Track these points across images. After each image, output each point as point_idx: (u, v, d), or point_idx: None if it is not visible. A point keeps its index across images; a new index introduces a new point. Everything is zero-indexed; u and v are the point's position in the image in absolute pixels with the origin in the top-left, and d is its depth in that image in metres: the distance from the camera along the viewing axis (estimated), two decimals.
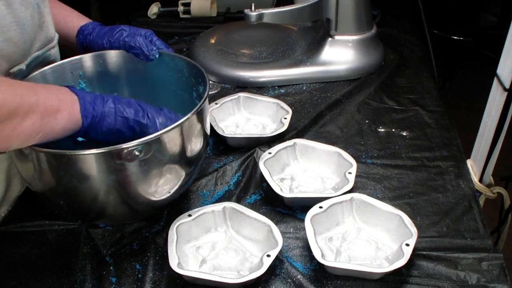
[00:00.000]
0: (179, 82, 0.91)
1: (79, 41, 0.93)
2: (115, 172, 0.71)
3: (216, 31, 1.39)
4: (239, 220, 0.82)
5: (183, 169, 0.79)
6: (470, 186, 0.92)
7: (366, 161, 0.98)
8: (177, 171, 0.78)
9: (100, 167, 0.71)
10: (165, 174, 0.76)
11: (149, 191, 0.76)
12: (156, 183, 0.76)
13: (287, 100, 1.11)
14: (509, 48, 0.90)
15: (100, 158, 0.70)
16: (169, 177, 0.77)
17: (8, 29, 0.73)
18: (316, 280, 0.76)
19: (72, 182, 0.72)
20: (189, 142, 0.78)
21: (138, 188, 0.75)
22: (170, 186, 0.79)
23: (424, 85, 1.21)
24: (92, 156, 0.69)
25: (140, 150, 0.70)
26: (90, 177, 0.71)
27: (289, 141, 0.96)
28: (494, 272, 0.76)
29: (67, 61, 0.89)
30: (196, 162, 0.83)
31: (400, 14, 1.54)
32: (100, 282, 0.76)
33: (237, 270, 0.77)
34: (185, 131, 0.76)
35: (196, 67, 0.87)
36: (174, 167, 0.77)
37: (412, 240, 0.76)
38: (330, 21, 1.21)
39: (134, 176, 0.73)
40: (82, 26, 0.93)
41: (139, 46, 0.89)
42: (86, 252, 0.79)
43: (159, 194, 0.78)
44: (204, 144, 0.83)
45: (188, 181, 0.83)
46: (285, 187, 0.91)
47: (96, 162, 0.70)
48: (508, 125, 0.95)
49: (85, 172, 0.71)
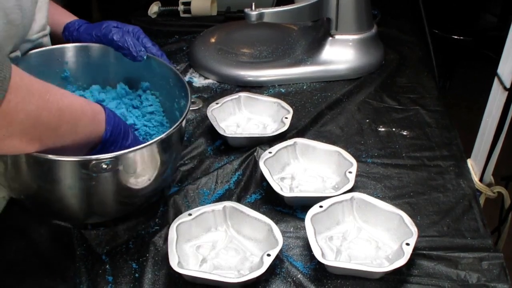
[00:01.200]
0: (163, 89, 0.91)
1: (65, 37, 0.93)
2: (84, 180, 0.71)
3: (217, 30, 1.39)
4: (239, 220, 0.82)
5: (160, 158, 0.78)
6: (470, 185, 0.92)
7: (367, 160, 0.98)
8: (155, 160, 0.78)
9: (69, 174, 0.71)
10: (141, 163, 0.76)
11: (129, 181, 0.75)
12: (134, 172, 0.75)
13: (287, 100, 1.11)
14: (510, 47, 0.90)
15: (69, 166, 0.70)
16: (146, 166, 0.77)
17: (11, 12, 0.73)
18: (316, 280, 0.76)
19: (48, 187, 0.72)
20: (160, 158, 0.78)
21: (116, 184, 0.74)
22: (149, 175, 0.78)
23: (424, 85, 1.21)
24: (63, 163, 0.69)
25: (107, 164, 0.70)
26: (61, 182, 0.71)
27: (290, 141, 0.96)
28: (494, 272, 0.76)
29: (54, 47, 0.89)
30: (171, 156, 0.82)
31: (400, 14, 1.54)
32: (96, 281, 0.76)
33: (237, 269, 0.77)
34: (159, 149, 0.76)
35: (181, 81, 0.86)
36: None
37: (412, 239, 0.76)
38: (331, 21, 1.21)
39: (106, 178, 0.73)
40: (68, 23, 0.93)
41: (127, 46, 0.89)
42: (82, 250, 0.79)
43: (140, 184, 0.77)
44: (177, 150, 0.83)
45: (166, 170, 0.81)
46: (285, 186, 0.91)
47: (66, 169, 0.70)
48: (509, 124, 0.95)
49: (57, 176, 0.70)
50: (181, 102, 0.86)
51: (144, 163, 0.75)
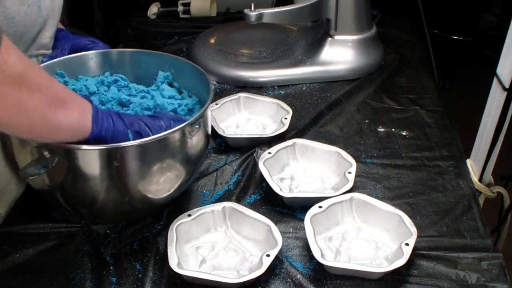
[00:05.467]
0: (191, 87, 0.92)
1: None
2: (114, 170, 0.72)
3: (216, 31, 1.39)
4: (238, 220, 0.82)
5: (183, 168, 0.79)
6: (469, 185, 0.92)
7: (366, 160, 0.98)
8: (178, 170, 0.79)
9: (100, 164, 0.71)
10: (165, 172, 0.77)
11: (149, 189, 0.77)
12: (157, 181, 0.76)
13: (287, 100, 1.11)
14: (509, 48, 0.90)
15: (101, 155, 0.71)
16: (169, 175, 0.78)
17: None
18: (315, 280, 0.76)
19: (73, 178, 0.73)
20: (191, 144, 0.78)
21: (138, 185, 0.75)
22: (170, 185, 0.79)
23: (424, 85, 1.21)
24: (95, 152, 0.70)
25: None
26: (90, 173, 0.72)
27: (289, 141, 0.96)
28: (493, 272, 0.76)
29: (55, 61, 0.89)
30: (197, 162, 0.83)
31: (400, 14, 1.54)
32: (100, 282, 0.76)
33: (236, 270, 0.77)
34: (187, 133, 0.77)
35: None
36: (174, 165, 0.78)
37: (411, 239, 0.76)
38: (330, 21, 1.21)
39: (134, 174, 0.74)
40: None
41: None
42: (86, 252, 0.79)
43: (159, 193, 0.78)
44: (205, 145, 0.84)
45: (188, 180, 0.83)
46: (284, 187, 0.91)
47: (98, 158, 0.71)
48: (508, 124, 0.95)
49: (86, 168, 0.71)
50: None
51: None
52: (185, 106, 0.87)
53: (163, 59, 0.92)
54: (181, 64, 0.91)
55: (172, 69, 0.92)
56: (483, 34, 2.64)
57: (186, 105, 0.87)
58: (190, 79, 0.90)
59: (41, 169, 0.71)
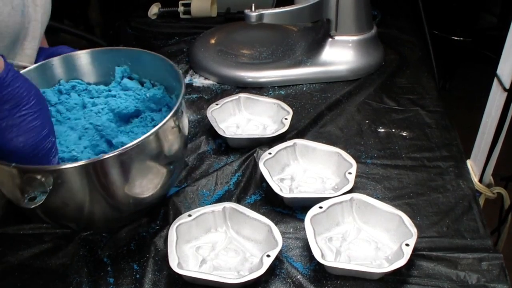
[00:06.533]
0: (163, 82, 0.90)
1: None
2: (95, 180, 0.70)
3: (216, 31, 1.39)
4: (239, 220, 0.82)
5: (163, 168, 0.78)
6: (470, 186, 0.92)
7: (366, 161, 0.98)
8: (157, 170, 0.77)
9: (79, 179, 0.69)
10: (146, 174, 0.75)
11: (135, 191, 0.75)
12: (140, 184, 0.75)
13: (287, 101, 1.11)
14: (509, 48, 0.90)
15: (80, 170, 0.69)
16: (152, 174, 0.76)
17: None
18: (316, 280, 0.76)
19: (55, 197, 0.70)
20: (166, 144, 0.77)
21: (124, 190, 0.74)
22: (155, 183, 0.77)
23: (424, 86, 1.21)
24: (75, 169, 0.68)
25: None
26: (72, 190, 0.70)
27: (289, 142, 0.96)
28: (494, 272, 0.76)
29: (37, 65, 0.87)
30: (181, 151, 0.82)
31: (400, 14, 1.54)
32: (98, 283, 0.76)
33: (237, 270, 0.77)
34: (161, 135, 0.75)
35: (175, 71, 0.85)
36: (154, 166, 0.76)
37: (412, 240, 0.76)
38: (330, 22, 1.21)
39: (116, 181, 0.72)
40: None
41: None
42: (83, 253, 0.79)
43: (147, 192, 0.77)
44: (182, 144, 0.82)
45: (173, 175, 0.81)
46: (285, 187, 0.91)
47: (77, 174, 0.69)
48: (508, 125, 0.95)
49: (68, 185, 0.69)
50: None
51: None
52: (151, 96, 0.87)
53: (115, 53, 0.90)
54: (137, 54, 0.89)
55: (128, 62, 0.90)
56: (483, 34, 2.63)
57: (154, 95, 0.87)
58: (150, 67, 0.89)
59: (42, 194, 0.68)
